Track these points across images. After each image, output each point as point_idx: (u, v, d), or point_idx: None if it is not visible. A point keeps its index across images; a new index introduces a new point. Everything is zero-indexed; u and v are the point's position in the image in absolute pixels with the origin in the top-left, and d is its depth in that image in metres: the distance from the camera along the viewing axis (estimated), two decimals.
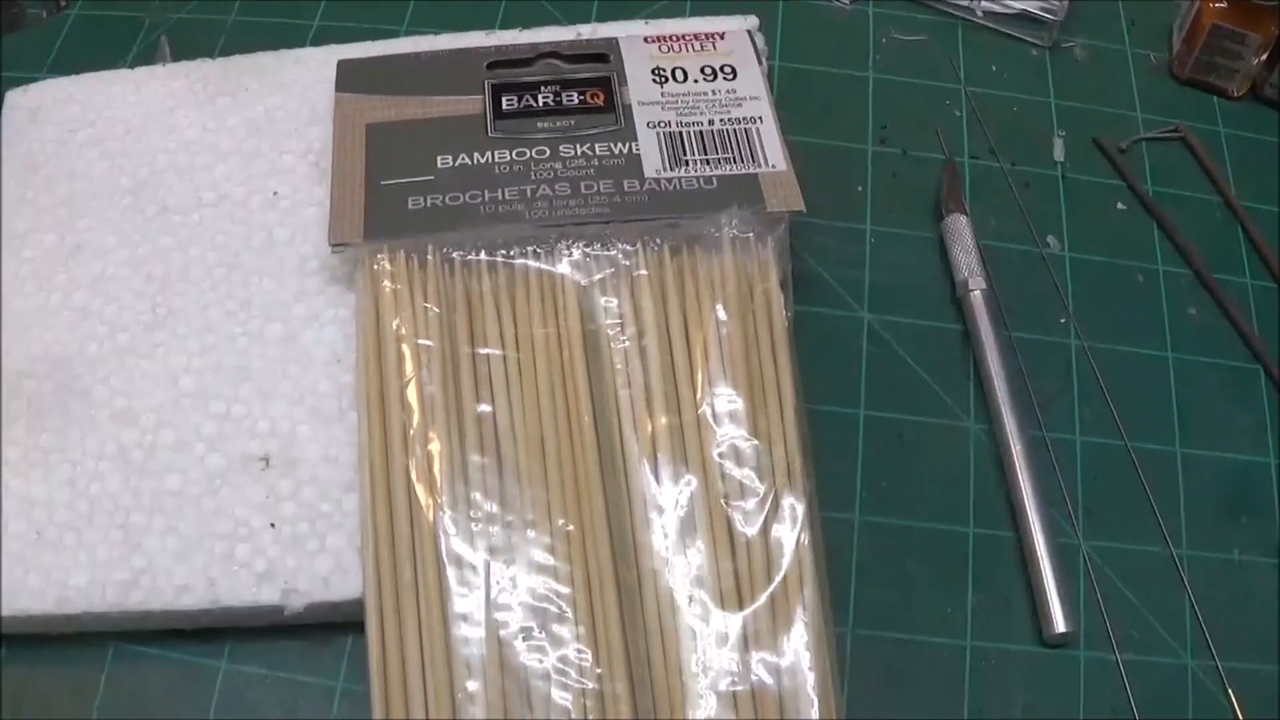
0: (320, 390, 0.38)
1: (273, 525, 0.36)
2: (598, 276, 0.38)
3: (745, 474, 0.36)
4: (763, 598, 0.34)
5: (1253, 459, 0.43)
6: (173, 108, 0.43)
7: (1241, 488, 0.42)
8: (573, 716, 0.33)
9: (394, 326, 0.37)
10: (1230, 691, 0.39)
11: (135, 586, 0.36)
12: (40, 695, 0.37)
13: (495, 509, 0.35)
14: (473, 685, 0.33)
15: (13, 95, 0.44)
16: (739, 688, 0.34)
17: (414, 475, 0.35)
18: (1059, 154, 0.47)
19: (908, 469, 0.41)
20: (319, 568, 0.36)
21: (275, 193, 0.41)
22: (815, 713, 0.33)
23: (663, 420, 0.36)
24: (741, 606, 0.34)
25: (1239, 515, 0.42)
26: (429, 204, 0.39)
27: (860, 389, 0.42)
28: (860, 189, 0.46)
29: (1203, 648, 0.39)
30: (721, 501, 0.35)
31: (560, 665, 0.33)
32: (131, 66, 0.45)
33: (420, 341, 0.37)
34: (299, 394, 0.38)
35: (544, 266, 0.38)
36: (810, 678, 0.34)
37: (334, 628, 0.37)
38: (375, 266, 0.38)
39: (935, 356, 0.43)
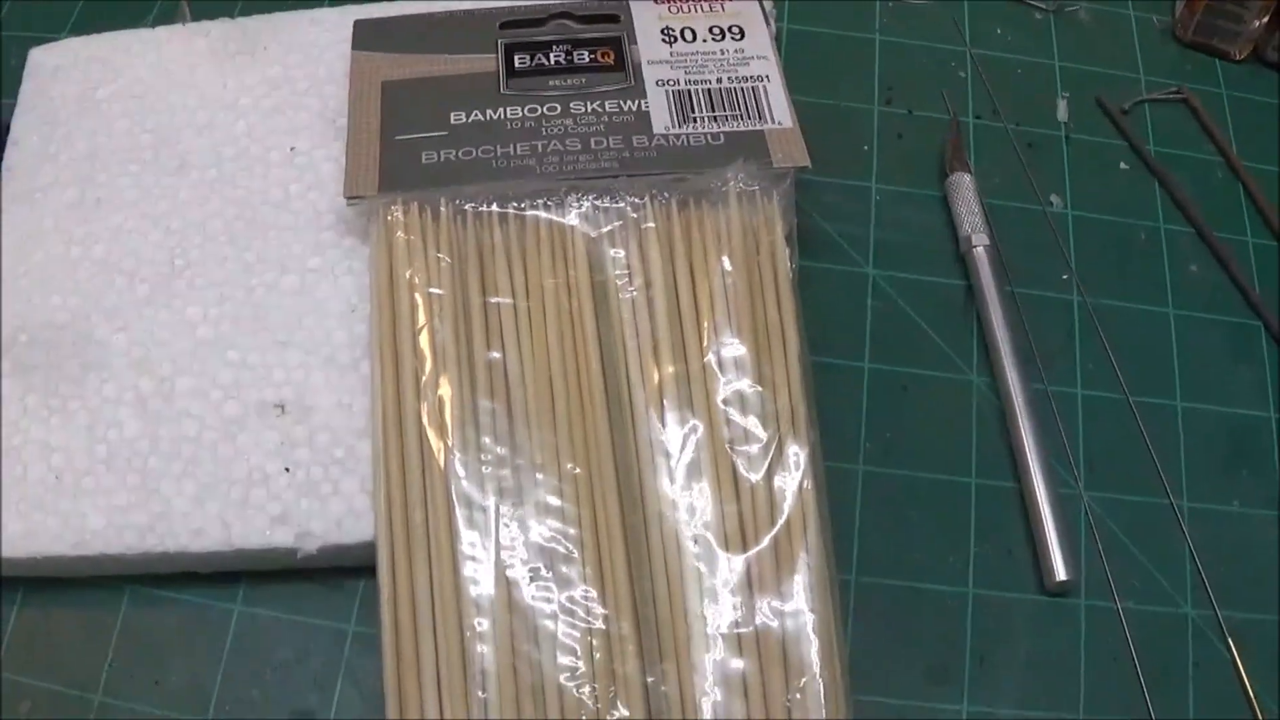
0: (335, 340, 0.39)
1: (287, 470, 0.37)
2: (606, 229, 0.39)
3: (750, 420, 0.36)
4: (766, 540, 0.35)
5: (1253, 413, 0.43)
6: (193, 66, 0.44)
7: (1241, 441, 0.43)
8: (579, 655, 0.34)
9: (407, 276, 0.38)
10: (1230, 641, 0.39)
11: (152, 530, 0.37)
12: (57, 638, 0.38)
13: (505, 452, 0.36)
14: (481, 624, 0.34)
15: (36, 53, 0.44)
16: (742, 629, 0.34)
17: (425, 420, 0.36)
18: (1062, 114, 0.48)
19: (911, 421, 0.42)
20: (332, 511, 0.37)
21: (292, 149, 0.42)
22: (816, 654, 0.34)
23: (669, 368, 0.37)
24: (745, 549, 0.35)
25: (1239, 468, 0.42)
26: (442, 158, 0.40)
27: (865, 343, 0.43)
28: (866, 148, 0.47)
29: (1203, 597, 0.40)
30: (726, 447, 0.36)
31: (567, 605, 0.34)
32: (152, 27, 0.46)
33: (432, 290, 0.37)
34: (314, 343, 0.39)
35: (554, 218, 0.39)
36: (811, 619, 0.35)
37: (345, 572, 0.38)
38: (389, 218, 0.38)
39: (939, 311, 0.44)
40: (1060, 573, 0.39)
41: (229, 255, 0.40)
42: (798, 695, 0.34)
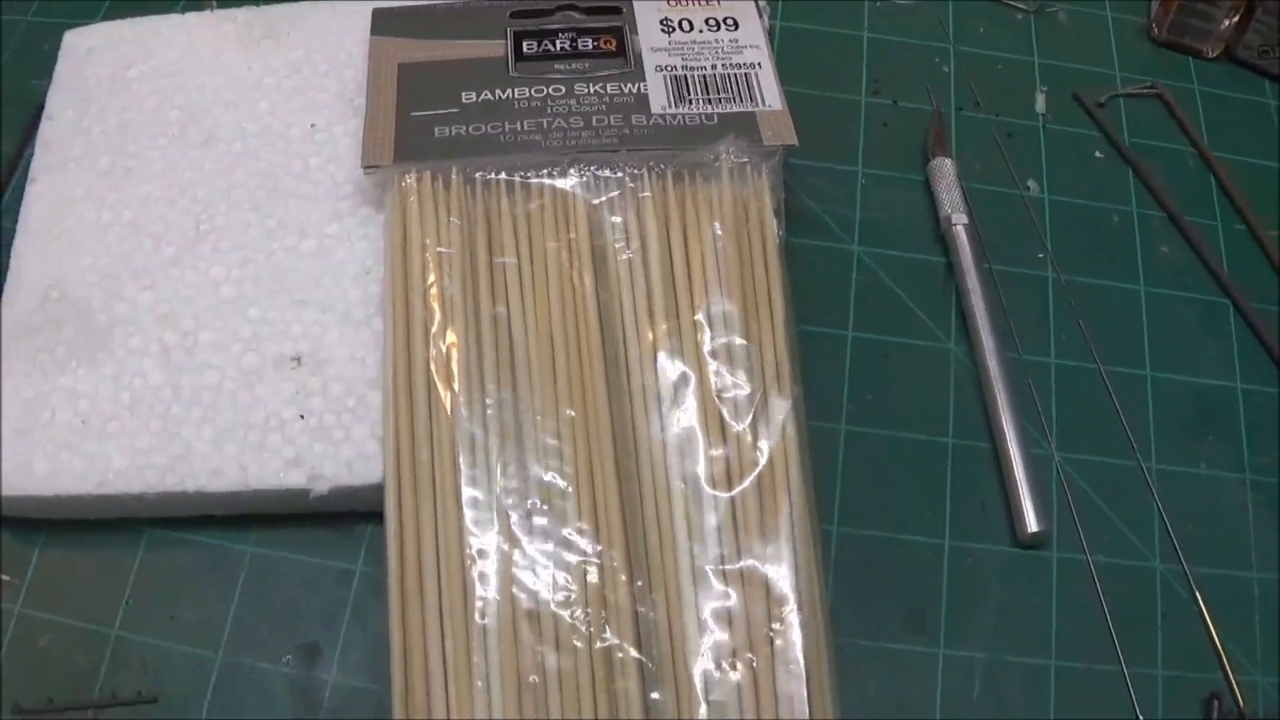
0: (350, 299, 0.41)
1: (302, 417, 0.40)
2: (605, 197, 0.41)
3: (737, 373, 0.39)
4: (749, 479, 0.37)
5: (1220, 384, 0.45)
6: (219, 49, 0.47)
7: (1209, 409, 0.45)
8: (572, 583, 0.36)
9: (419, 237, 0.40)
10: (1197, 594, 0.41)
11: (172, 470, 0.39)
12: (77, 577, 0.40)
13: (506, 397, 0.38)
14: (482, 554, 0.36)
15: (70, 36, 0.47)
16: (728, 565, 0.36)
17: (433, 367, 0.38)
18: (1040, 107, 0.50)
19: (891, 385, 0.44)
20: (343, 455, 0.39)
21: (313, 125, 0.45)
22: (796, 587, 0.36)
23: (662, 324, 0.39)
24: (730, 488, 0.37)
25: (1206, 434, 0.44)
26: (453, 133, 0.43)
27: (849, 313, 0.45)
28: (853, 135, 0.49)
29: (1170, 552, 0.42)
30: (714, 397, 0.38)
31: (563, 538, 0.36)
32: (182, 13, 0.49)
33: (442, 250, 0.40)
34: (330, 301, 0.41)
35: (557, 184, 0.41)
36: (792, 556, 0.37)
37: (354, 517, 0.41)
38: (403, 184, 0.41)
39: (919, 286, 0.46)
40: (1032, 524, 0.41)
41: (251, 221, 0.43)
42: (779, 625, 0.36)
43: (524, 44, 0.46)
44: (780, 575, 0.36)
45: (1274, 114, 0.52)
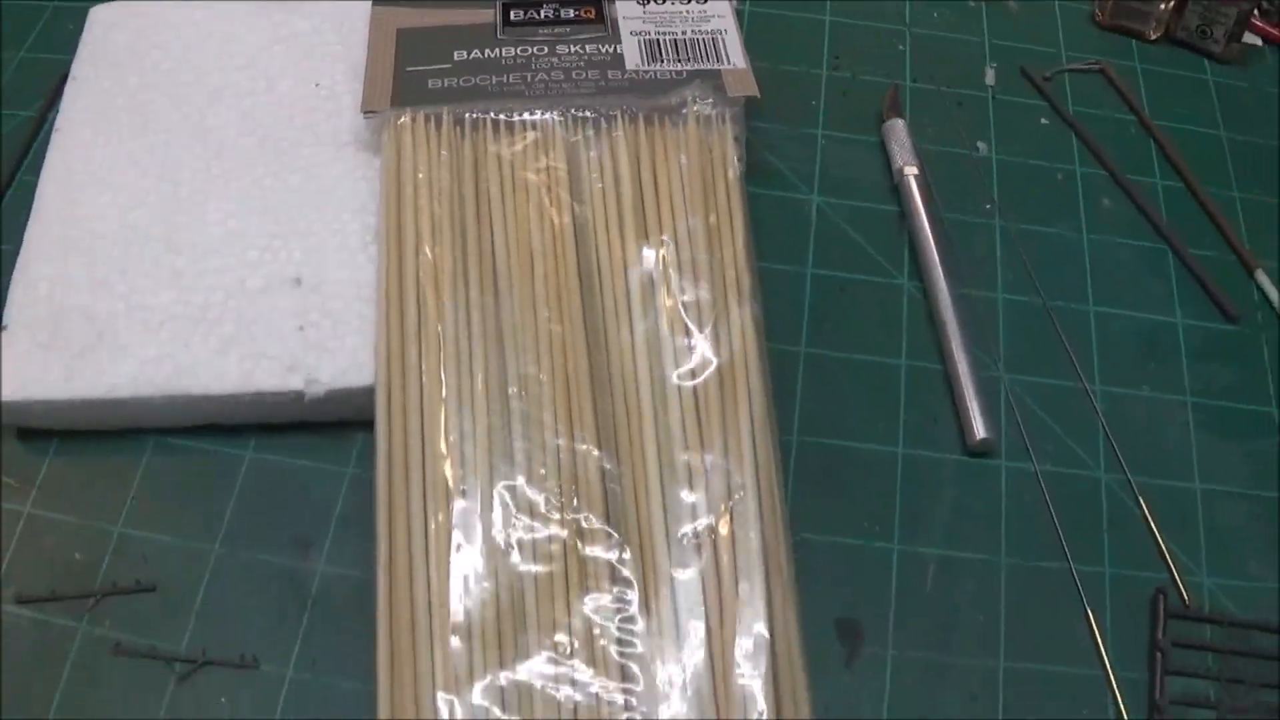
0: (348, 229, 0.45)
1: (301, 329, 0.43)
2: (582, 135, 0.45)
3: (700, 284, 0.42)
4: (710, 371, 0.40)
5: (1161, 318, 0.48)
6: (235, 22, 0.51)
7: (1150, 340, 0.48)
8: (546, 462, 0.39)
9: (411, 166, 0.44)
10: (1141, 500, 0.44)
11: (177, 376, 0.42)
12: (84, 480, 0.42)
13: (489, 303, 0.41)
14: (464, 433, 0.39)
15: (95, 11, 0.52)
16: (691, 453, 0.39)
17: (421, 277, 0.42)
18: (990, 80, 0.55)
19: (848, 315, 0.47)
20: (339, 362, 0.42)
21: (317, 84, 0.49)
22: (754, 475, 0.39)
23: (632, 240, 0.43)
24: (694, 379, 0.40)
25: (1148, 361, 0.47)
26: (445, 84, 0.47)
27: (809, 252, 0.48)
28: (814, 104, 0.53)
29: (1115, 464, 0.45)
30: (679, 305, 0.41)
31: (539, 420, 0.39)
32: None
33: (433, 178, 0.44)
34: (329, 231, 0.45)
35: (539, 117, 0.45)
36: (751, 447, 0.39)
37: (347, 426, 0.43)
38: (399, 122, 0.45)
39: (874, 231, 0.49)
40: (980, 430, 0.44)
41: (258, 163, 0.47)
42: (740, 494, 0.38)
43: (511, 12, 0.50)
44: (740, 462, 0.39)
45: (1212, 89, 0.56)
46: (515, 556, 0.37)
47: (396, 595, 0.37)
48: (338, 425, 0.43)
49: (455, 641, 0.36)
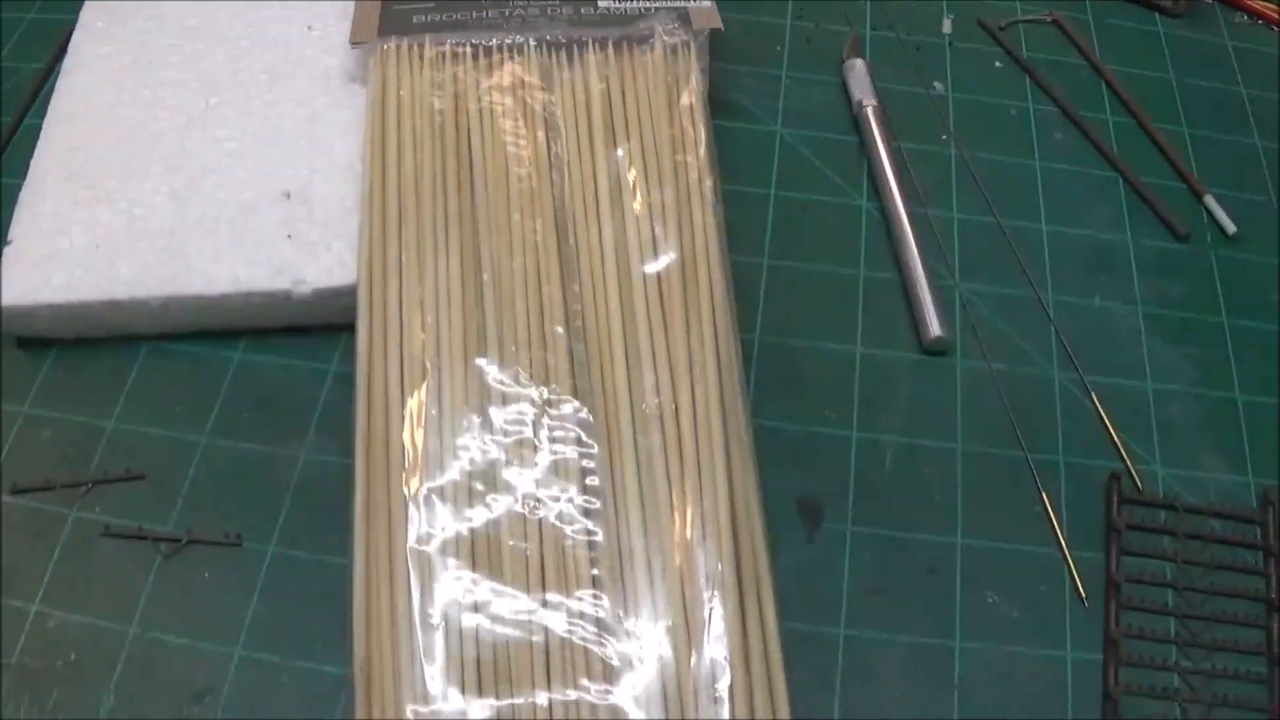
0: (335, 150, 0.48)
1: (289, 237, 0.45)
2: (555, 58, 0.48)
3: (665, 187, 0.44)
4: (673, 257, 0.42)
5: (1111, 237, 0.51)
6: None
7: (1101, 256, 0.50)
8: (518, 351, 0.41)
9: (395, 86, 0.47)
10: (1094, 395, 0.46)
11: (173, 278, 0.44)
12: (79, 382, 0.45)
13: (466, 203, 0.44)
14: (440, 321, 0.41)
15: None
16: (655, 337, 0.41)
17: (400, 183, 0.44)
18: (947, 29, 0.57)
19: (809, 231, 0.49)
20: (324, 263, 0.45)
21: (309, 27, 0.52)
22: (715, 354, 0.41)
23: (601, 148, 0.45)
24: (658, 255, 0.42)
25: (1099, 274, 0.49)
26: (429, 19, 0.50)
27: (772, 177, 0.51)
28: (779, 49, 0.56)
29: (1067, 363, 0.46)
30: (646, 206, 0.44)
31: (511, 300, 0.42)
32: None
33: (416, 94, 0.46)
34: (318, 151, 0.48)
35: (516, 39, 0.48)
36: (712, 331, 0.41)
37: (332, 328, 0.46)
38: (384, 49, 0.48)
39: (835, 158, 0.52)
40: (935, 328, 0.46)
41: (253, 96, 0.50)
42: (700, 370, 0.40)
43: None
44: (701, 343, 0.41)
45: (1163, 39, 0.59)
46: (487, 427, 0.39)
47: (374, 464, 0.39)
48: (323, 328, 0.46)
49: (432, 499, 0.38)
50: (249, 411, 0.44)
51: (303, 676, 0.39)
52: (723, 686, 0.36)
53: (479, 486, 0.38)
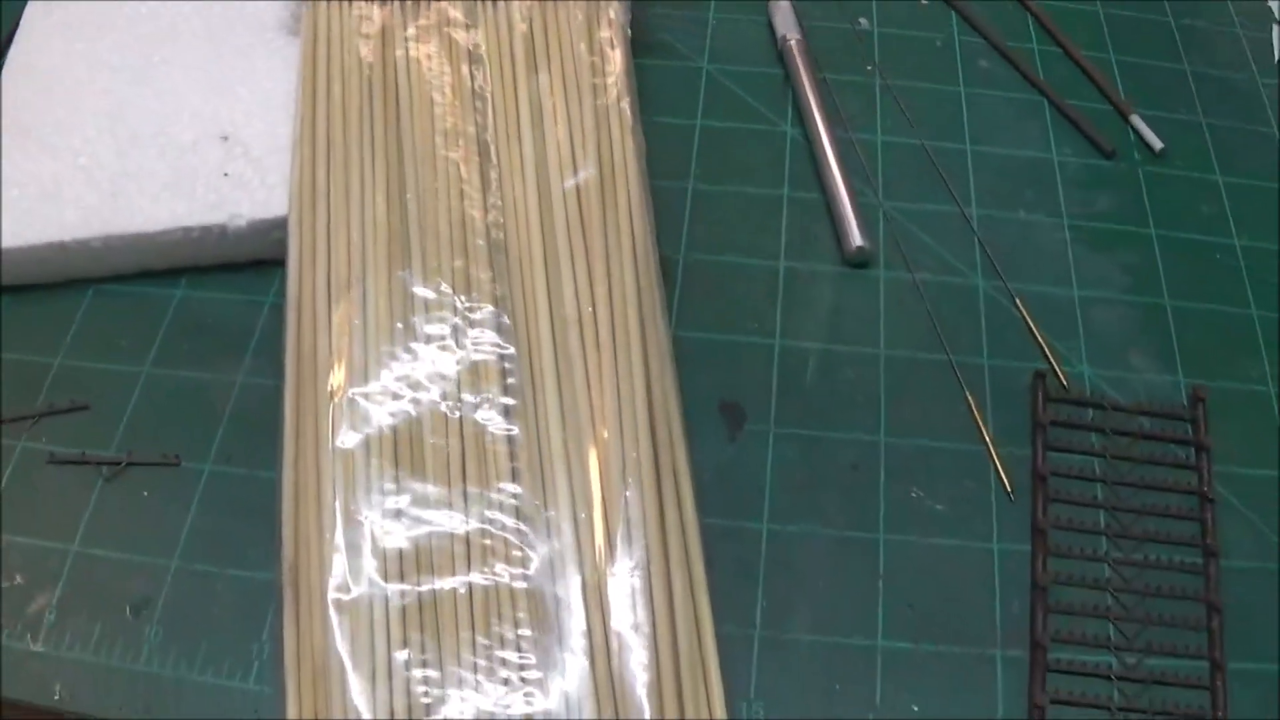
0: (271, 94, 0.49)
1: (226, 175, 0.47)
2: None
3: (584, 99, 0.46)
4: (593, 175, 0.44)
5: (1036, 155, 0.51)
6: None
7: (1026, 173, 0.51)
8: (442, 254, 0.42)
9: (326, 27, 0.48)
10: (1018, 301, 0.46)
11: (115, 219, 0.46)
12: (27, 323, 0.46)
13: (393, 130, 0.45)
14: (367, 232, 0.43)
15: None
16: (575, 248, 0.43)
17: (332, 112, 0.46)
18: None
19: (733, 157, 0.51)
20: (259, 197, 0.46)
21: None
22: (634, 262, 0.42)
23: (523, 73, 0.47)
24: (577, 171, 0.44)
25: (1025, 190, 0.50)
26: None
27: (698, 109, 0.52)
28: None
29: (992, 273, 0.47)
30: (565, 122, 0.45)
31: (435, 227, 0.43)
32: None
33: (345, 34, 0.48)
34: (255, 97, 0.49)
35: None
36: (631, 242, 0.43)
37: (267, 264, 0.47)
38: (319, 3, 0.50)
39: (760, 90, 0.53)
40: (856, 238, 0.46)
41: (194, 49, 0.51)
42: (618, 275, 0.41)
43: None
44: (620, 253, 0.42)
45: None
46: (410, 335, 0.41)
47: (303, 373, 0.40)
48: (260, 264, 0.47)
49: (357, 402, 0.39)
50: (189, 343, 0.45)
51: (236, 584, 0.40)
52: (640, 573, 0.37)
53: (402, 390, 0.39)
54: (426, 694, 0.35)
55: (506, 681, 0.36)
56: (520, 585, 0.37)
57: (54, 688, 0.38)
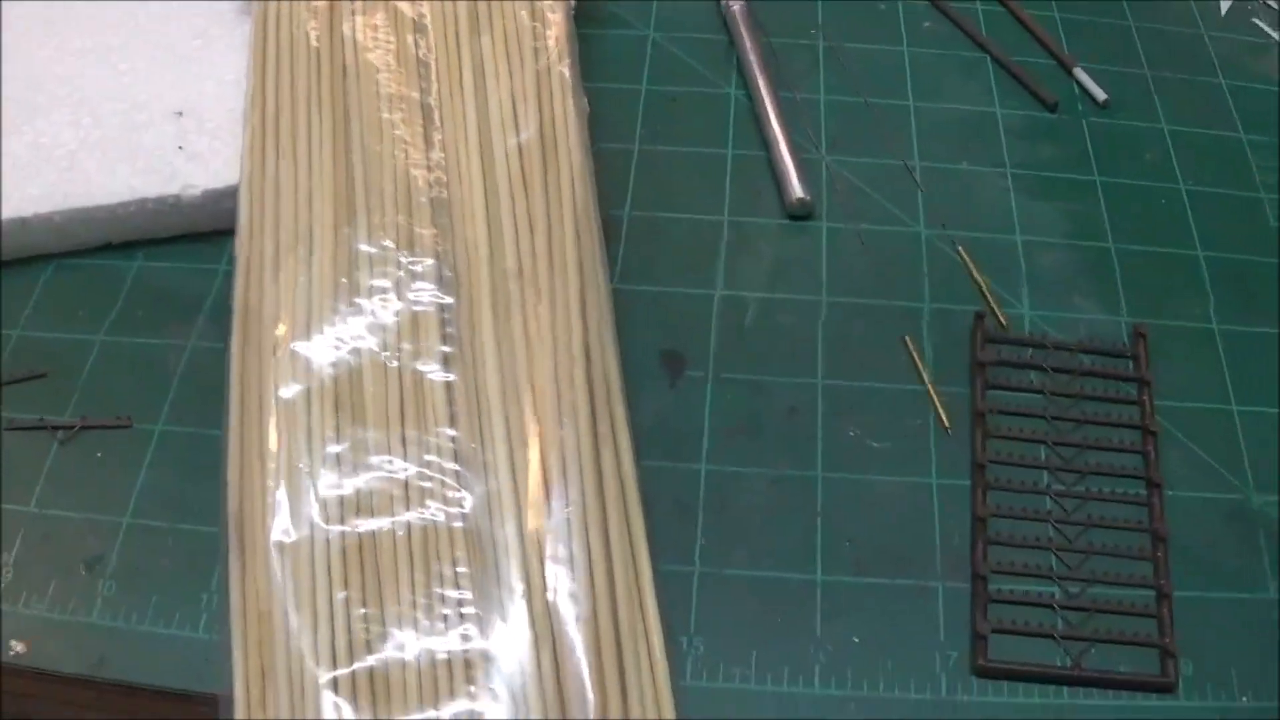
0: (224, 71, 0.51)
1: (180, 148, 0.48)
2: None
3: (526, 70, 0.47)
4: (534, 134, 0.44)
5: (979, 109, 0.52)
6: None
7: (969, 127, 0.52)
8: (386, 208, 0.43)
9: (278, 8, 0.49)
10: (959, 247, 0.47)
11: (74, 194, 0.47)
12: None
13: (340, 98, 0.46)
14: (315, 190, 0.44)
15: None
16: (516, 205, 0.43)
17: (281, 85, 0.47)
18: None
19: (678, 121, 0.52)
20: (212, 169, 0.47)
21: None
22: (574, 218, 0.43)
23: (466, 38, 0.48)
24: (519, 131, 0.45)
25: (968, 142, 0.51)
26: None
27: (643, 75, 0.53)
28: None
29: (934, 223, 0.48)
30: (507, 83, 0.46)
31: (380, 186, 0.44)
32: None
33: (295, 13, 0.49)
34: (208, 74, 0.51)
35: None
36: (572, 196, 0.43)
37: (221, 234, 0.48)
38: None
39: (704, 55, 0.54)
40: (797, 190, 0.47)
41: (150, 30, 0.53)
42: (558, 231, 0.42)
43: None
44: (560, 209, 0.43)
45: None
46: (354, 290, 0.41)
47: (249, 328, 0.41)
48: (213, 234, 0.48)
49: (298, 354, 0.40)
50: (143, 310, 0.46)
51: (186, 537, 0.40)
52: (576, 511, 0.38)
53: (344, 341, 0.40)
54: (367, 631, 0.36)
55: (445, 619, 0.36)
56: (458, 525, 0.37)
57: (9, 643, 0.39)
